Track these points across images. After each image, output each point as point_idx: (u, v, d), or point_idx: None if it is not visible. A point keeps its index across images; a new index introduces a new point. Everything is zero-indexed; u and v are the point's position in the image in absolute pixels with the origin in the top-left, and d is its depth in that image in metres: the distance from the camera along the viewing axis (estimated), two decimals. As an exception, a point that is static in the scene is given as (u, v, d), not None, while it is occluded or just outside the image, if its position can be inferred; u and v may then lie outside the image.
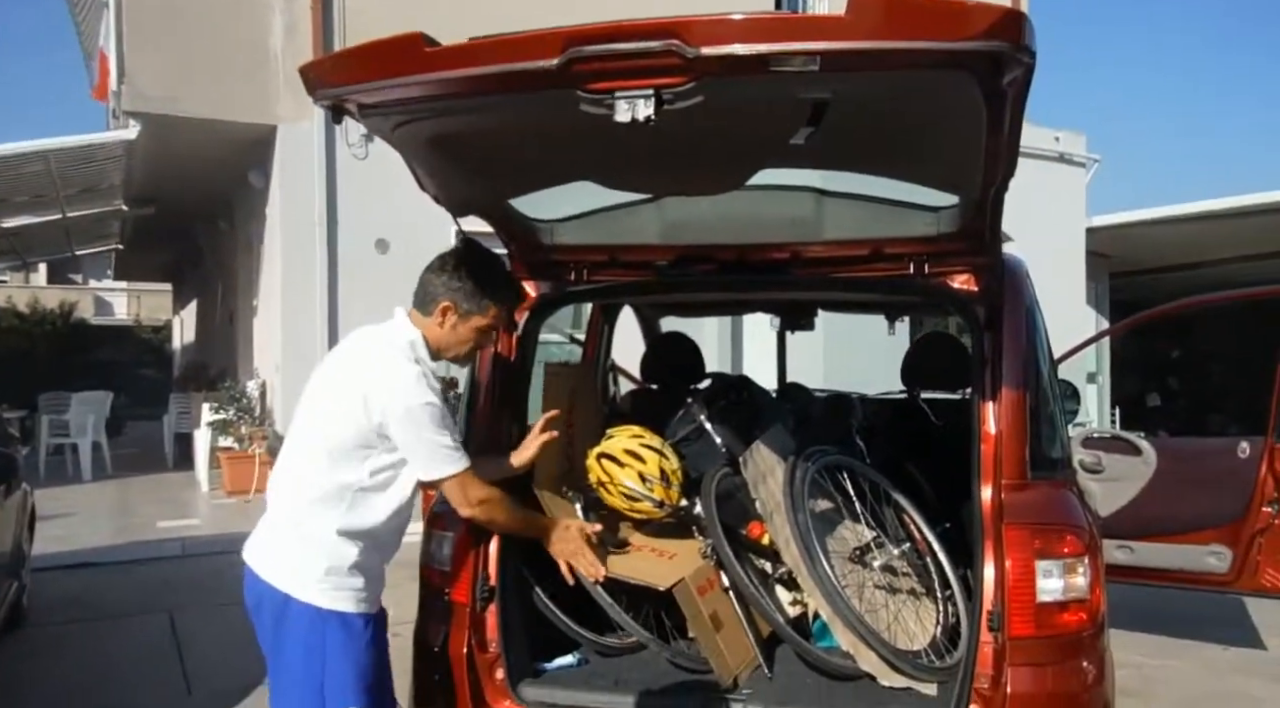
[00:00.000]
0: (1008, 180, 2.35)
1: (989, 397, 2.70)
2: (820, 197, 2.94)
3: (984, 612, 2.49)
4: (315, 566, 2.35)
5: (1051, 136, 11.51)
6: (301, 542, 2.37)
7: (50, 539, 7.10)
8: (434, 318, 2.51)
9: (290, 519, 2.41)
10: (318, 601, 2.34)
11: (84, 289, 32.57)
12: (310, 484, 2.38)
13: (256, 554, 2.45)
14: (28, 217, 13.17)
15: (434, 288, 2.51)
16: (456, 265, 2.53)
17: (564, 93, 1.94)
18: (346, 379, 2.41)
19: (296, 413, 2.51)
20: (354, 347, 2.52)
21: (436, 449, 2.38)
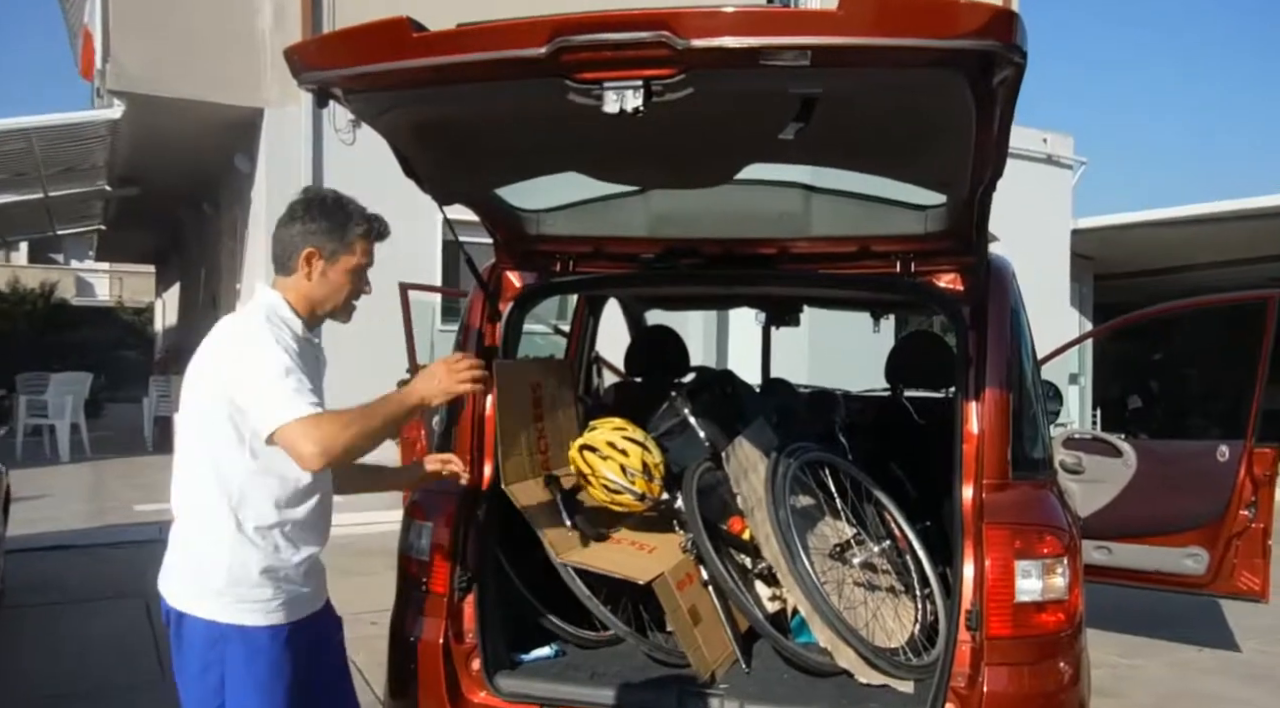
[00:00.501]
0: (996, 180, 2.35)
1: (972, 396, 2.70)
2: (808, 192, 2.93)
3: (962, 611, 2.50)
4: (213, 576, 2.14)
5: (1039, 137, 11.55)
6: (197, 551, 2.18)
7: (26, 521, 7.04)
8: (300, 272, 2.28)
9: (185, 530, 2.22)
10: (214, 615, 2.14)
11: (66, 269, 32.32)
12: (198, 488, 2.18)
13: (162, 574, 2.26)
14: (9, 195, 13.03)
15: (290, 240, 2.29)
16: (306, 210, 2.31)
17: (552, 82, 1.92)
18: (203, 365, 2.21)
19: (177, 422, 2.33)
20: (211, 334, 2.30)
21: (272, 394, 2.07)
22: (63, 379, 12.38)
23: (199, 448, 2.19)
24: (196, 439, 2.19)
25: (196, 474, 2.18)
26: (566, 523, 3.00)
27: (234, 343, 2.18)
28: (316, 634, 2.33)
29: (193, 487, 2.19)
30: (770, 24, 1.82)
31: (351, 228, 2.32)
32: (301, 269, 2.28)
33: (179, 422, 2.26)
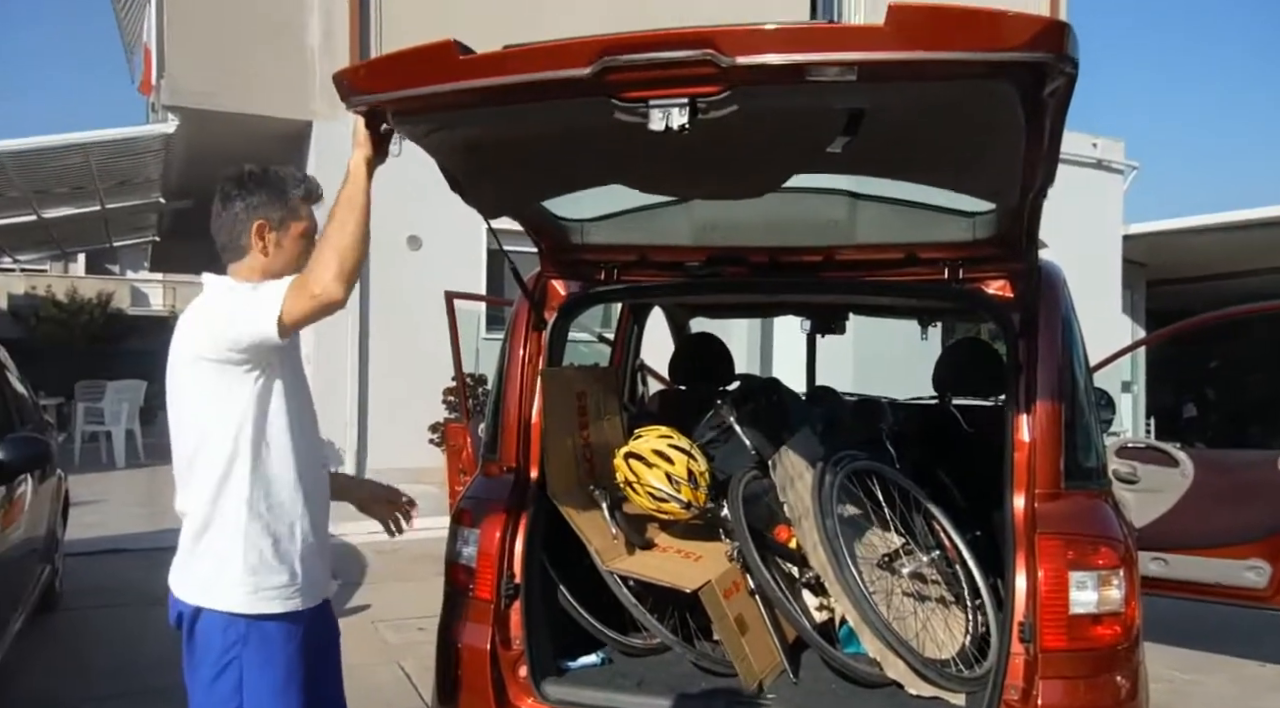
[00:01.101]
0: (1046, 188, 2.32)
1: (1023, 404, 2.66)
2: (854, 200, 2.91)
3: (1015, 622, 2.46)
4: (229, 566, 2.10)
5: (1089, 142, 11.36)
6: (210, 545, 2.13)
7: (84, 525, 7.21)
8: (254, 250, 2.24)
9: (194, 526, 2.16)
10: (233, 607, 2.10)
11: (121, 280, 33.00)
12: (201, 482, 2.13)
13: (173, 574, 2.21)
14: (68, 208, 13.38)
15: (235, 219, 2.25)
16: (240, 186, 2.27)
17: (598, 101, 1.93)
18: (175, 359, 2.16)
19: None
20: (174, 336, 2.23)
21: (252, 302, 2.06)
22: (119, 387, 12.64)
23: (194, 441, 2.14)
24: (190, 434, 2.14)
25: (197, 469, 2.13)
26: (612, 531, 3.01)
27: (194, 320, 2.15)
28: (326, 623, 2.33)
29: (195, 482, 2.14)
30: (815, 40, 1.80)
31: (291, 192, 2.29)
32: (255, 245, 2.25)
33: (172, 426, 2.21)
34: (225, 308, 2.09)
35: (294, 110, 10.14)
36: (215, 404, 2.11)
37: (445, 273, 9.51)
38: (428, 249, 10.25)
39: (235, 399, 2.10)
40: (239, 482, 2.11)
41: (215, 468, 2.11)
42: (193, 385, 2.13)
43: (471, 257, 10.44)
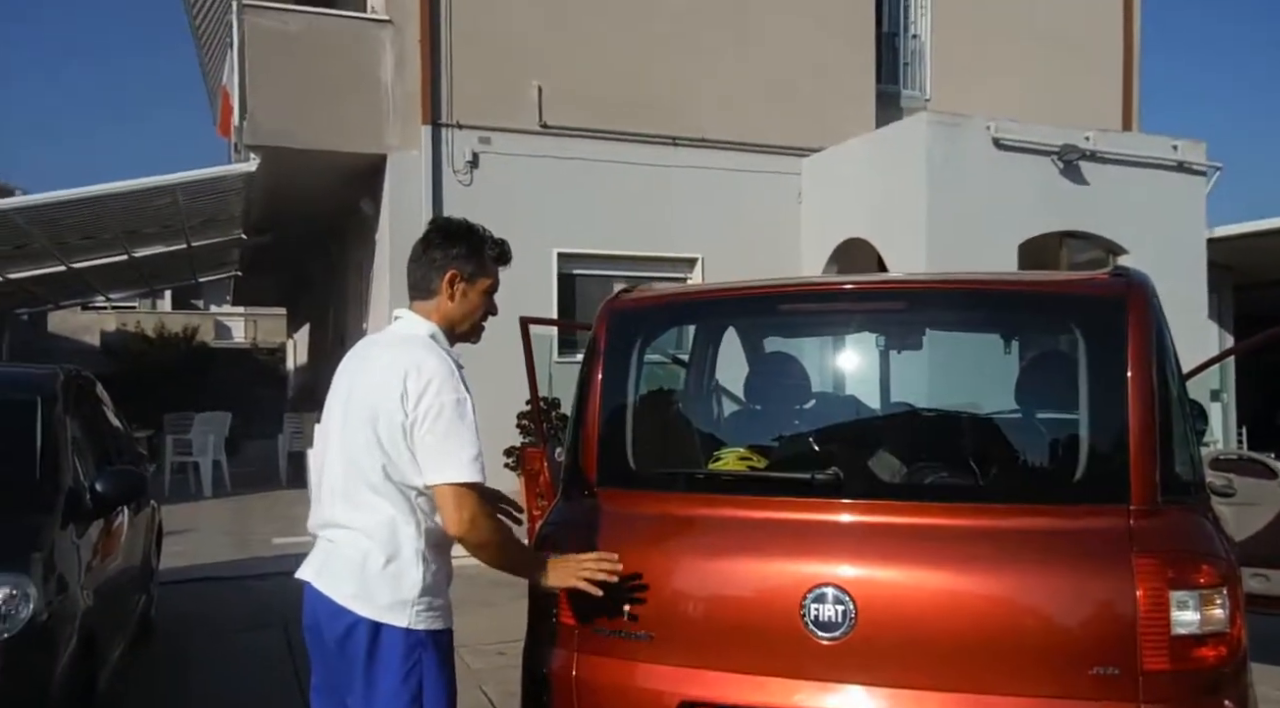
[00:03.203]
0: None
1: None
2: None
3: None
4: (405, 588, 2.31)
5: (1169, 145, 11.04)
6: (388, 564, 2.31)
7: (175, 554, 7.43)
8: (442, 294, 2.49)
9: (368, 545, 2.33)
10: (413, 624, 2.31)
11: (205, 314, 34.14)
12: (379, 503, 2.32)
13: (327, 577, 2.38)
14: (158, 246, 13.92)
15: (432, 264, 2.50)
16: (444, 236, 2.53)
17: None
18: (386, 382, 2.34)
19: (328, 426, 2.52)
20: (376, 348, 2.51)
21: (450, 450, 2.28)
22: (205, 419, 13.03)
23: (378, 462, 2.32)
24: (374, 454, 2.32)
25: (375, 488, 2.32)
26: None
27: (418, 367, 2.32)
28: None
29: (372, 501, 2.33)
30: None
31: (486, 251, 2.55)
32: (444, 291, 2.49)
33: (344, 433, 2.41)
34: (440, 420, 2.29)
35: (368, 144, 10.42)
36: (406, 444, 2.31)
37: (517, 298, 9.62)
38: (500, 276, 10.39)
39: None
40: (421, 511, 2.35)
41: (403, 496, 2.33)
42: (389, 417, 2.31)
43: (542, 282, 10.57)
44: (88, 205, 10.81)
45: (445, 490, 2.28)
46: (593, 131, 10.85)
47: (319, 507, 2.49)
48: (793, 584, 2.60)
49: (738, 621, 2.67)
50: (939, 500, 2.84)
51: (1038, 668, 2.43)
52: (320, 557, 2.44)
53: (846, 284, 3.40)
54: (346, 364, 2.60)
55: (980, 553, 2.61)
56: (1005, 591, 2.55)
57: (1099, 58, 13.62)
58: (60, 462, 4.06)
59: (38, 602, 3.27)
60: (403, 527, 2.33)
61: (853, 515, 2.73)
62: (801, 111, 11.71)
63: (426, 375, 2.31)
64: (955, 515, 2.72)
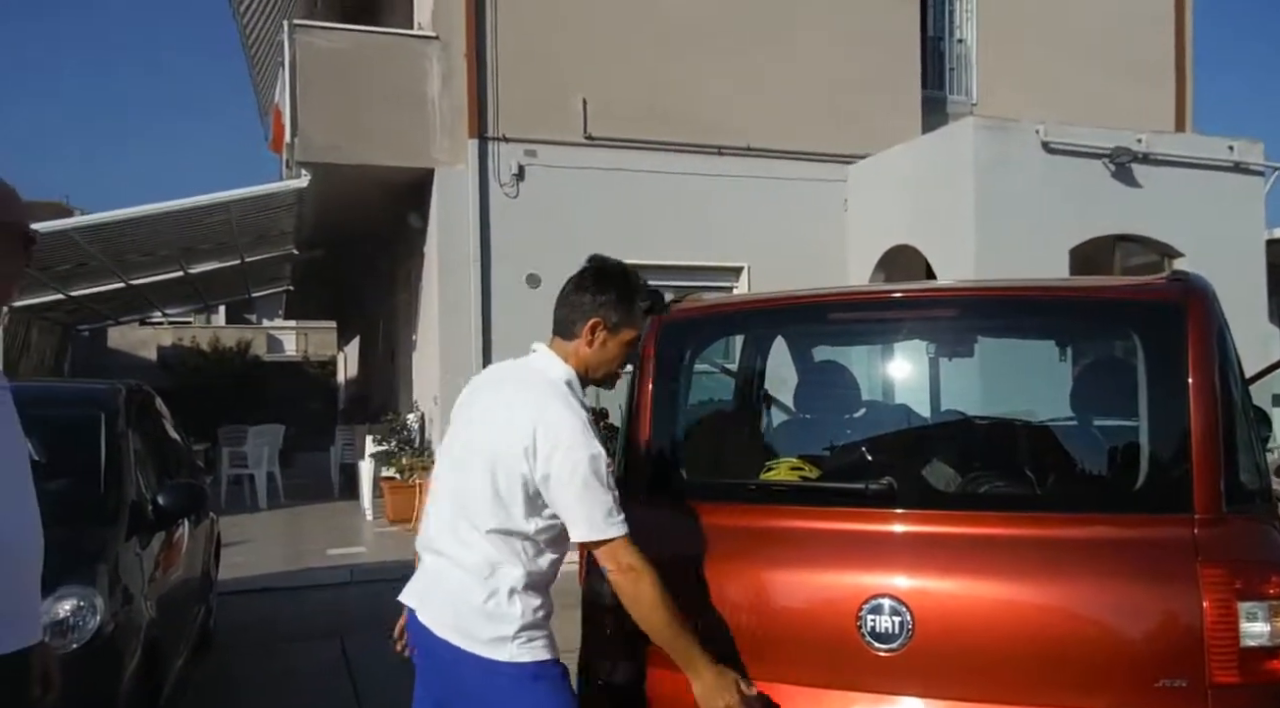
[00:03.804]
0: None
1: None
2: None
3: (1180, 656, 2.32)
4: (510, 623, 2.29)
5: (1225, 146, 10.80)
6: (491, 598, 2.30)
7: (233, 565, 7.55)
8: (582, 339, 2.43)
9: (470, 579, 2.32)
10: (520, 657, 2.29)
11: (258, 328, 34.73)
12: (487, 538, 2.31)
13: (429, 607, 2.38)
14: (212, 263, 14.22)
15: (579, 308, 2.44)
16: (597, 280, 2.47)
17: None
18: (508, 431, 2.32)
19: (450, 449, 2.50)
20: (508, 387, 2.45)
21: (598, 510, 2.26)
22: (259, 431, 13.24)
23: (488, 507, 2.30)
24: (486, 498, 2.31)
25: (481, 529, 2.31)
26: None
27: (549, 421, 2.29)
28: None
29: (476, 540, 2.31)
30: None
31: (638, 303, 2.49)
32: (584, 336, 2.43)
33: (458, 469, 2.40)
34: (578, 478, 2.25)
35: (416, 158, 10.55)
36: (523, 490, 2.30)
37: (564, 310, 9.69)
38: (546, 287, 10.47)
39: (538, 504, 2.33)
40: (525, 553, 2.33)
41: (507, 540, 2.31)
42: (509, 467, 2.30)
43: (588, 293, 10.59)
44: (145, 223, 11.08)
45: (591, 546, 2.30)
46: (637, 142, 10.89)
47: (427, 528, 2.48)
48: (849, 596, 2.58)
49: (793, 632, 2.65)
50: (995, 510, 2.81)
51: (1100, 681, 2.39)
52: (423, 583, 2.45)
53: (896, 292, 3.37)
54: (476, 392, 2.57)
55: (1039, 563, 2.57)
56: (1065, 602, 2.51)
57: (1150, 57, 13.38)
58: (123, 475, 4.15)
59: (104, 613, 3.35)
60: (504, 567, 2.31)
61: (908, 526, 2.71)
62: (846, 118, 11.65)
63: (556, 432, 2.27)
64: (1012, 525, 2.68)
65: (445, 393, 10.51)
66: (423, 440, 11.07)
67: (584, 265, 2.54)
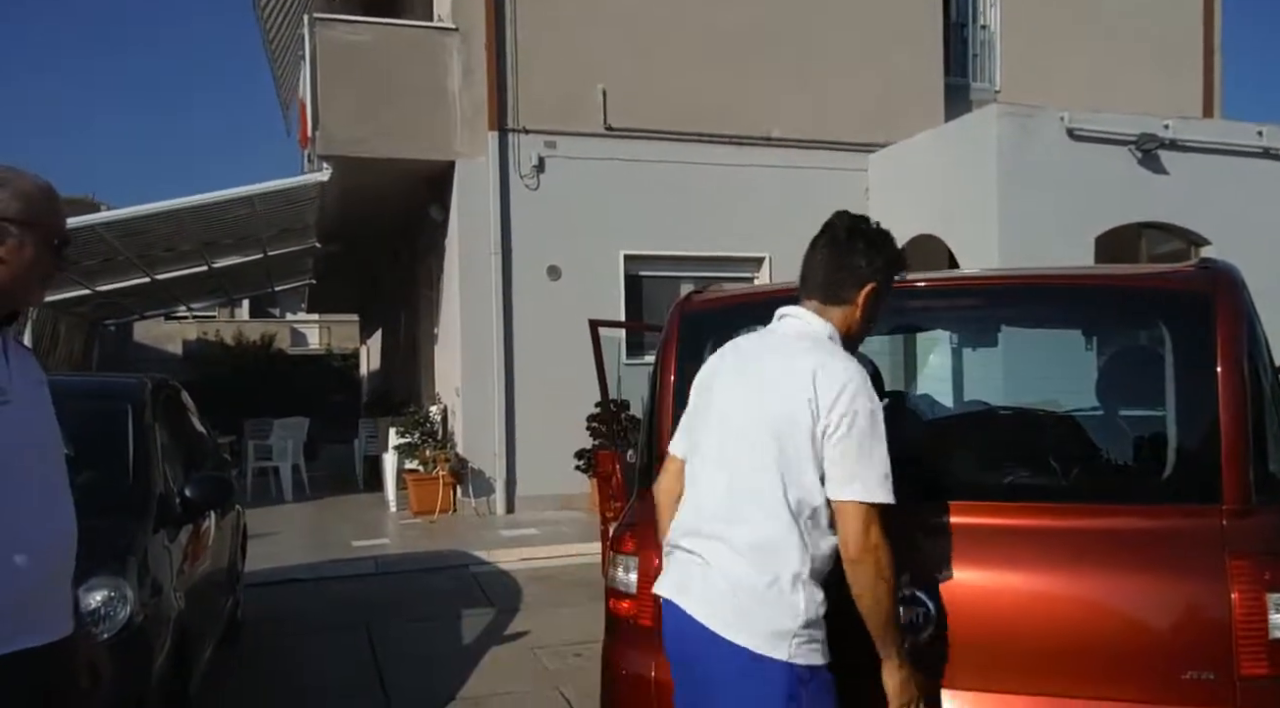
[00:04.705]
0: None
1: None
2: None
3: (1206, 648, 2.30)
4: (793, 616, 2.06)
5: (1254, 131, 10.66)
6: (774, 585, 2.07)
7: (259, 557, 7.62)
8: (853, 305, 2.25)
9: (747, 556, 2.11)
10: (797, 658, 2.05)
11: (281, 322, 35.01)
12: (769, 523, 2.10)
13: (695, 598, 2.15)
14: (236, 257, 14.32)
15: (854, 271, 2.24)
16: (870, 243, 2.26)
17: None
18: (783, 390, 2.13)
19: (698, 440, 2.31)
20: (773, 353, 2.24)
21: (874, 469, 2.06)
22: (284, 424, 13.34)
23: (774, 479, 2.11)
24: (770, 470, 2.11)
25: (764, 505, 2.11)
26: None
27: (831, 371, 2.11)
28: None
29: (756, 518, 2.11)
30: None
31: (900, 263, 2.34)
32: (859, 303, 2.26)
33: (726, 447, 2.21)
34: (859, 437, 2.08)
35: (437, 151, 10.58)
36: (811, 464, 2.11)
37: (584, 301, 9.72)
38: (567, 278, 10.49)
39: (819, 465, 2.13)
40: (808, 533, 2.11)
41: (794, 516, 2.10)
42: (793, 427, 2.11)
43: (609, 284, 10.63)
44: (169, 218, 11.17)
45: (850, 509, 2.06)
46: (657, 133, 10.87)
47: (685, 515, 2.28)
48: (871, 586, 2.57)
49: (816, 623, 2.65)
50: (1019, 500, 2.79)
51: (1126, 672, 2.37)
52: (683, 572, 2.23)
53: (920, 281, 3.34)
54: (721, 370, 2.37)
55: (1063, 554, 2.56)
56: (1090, 593, 2.49)
57: (1176, 42, 13.21)
58: (151, 468, 4.20)
59: (134, 604, 3.39)
60: (786, 549, 2.09)
61: (930, 516, 2.70)
62: (868, 107, 11.58)
63: (839, 379, 2.10)
64: (1037, 516, 2.67)
65: (467, 385, 10.56)
66: (445, 433, 11.12)
67: (836, 224, 2.32)
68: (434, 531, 9.73)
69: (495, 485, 10.58)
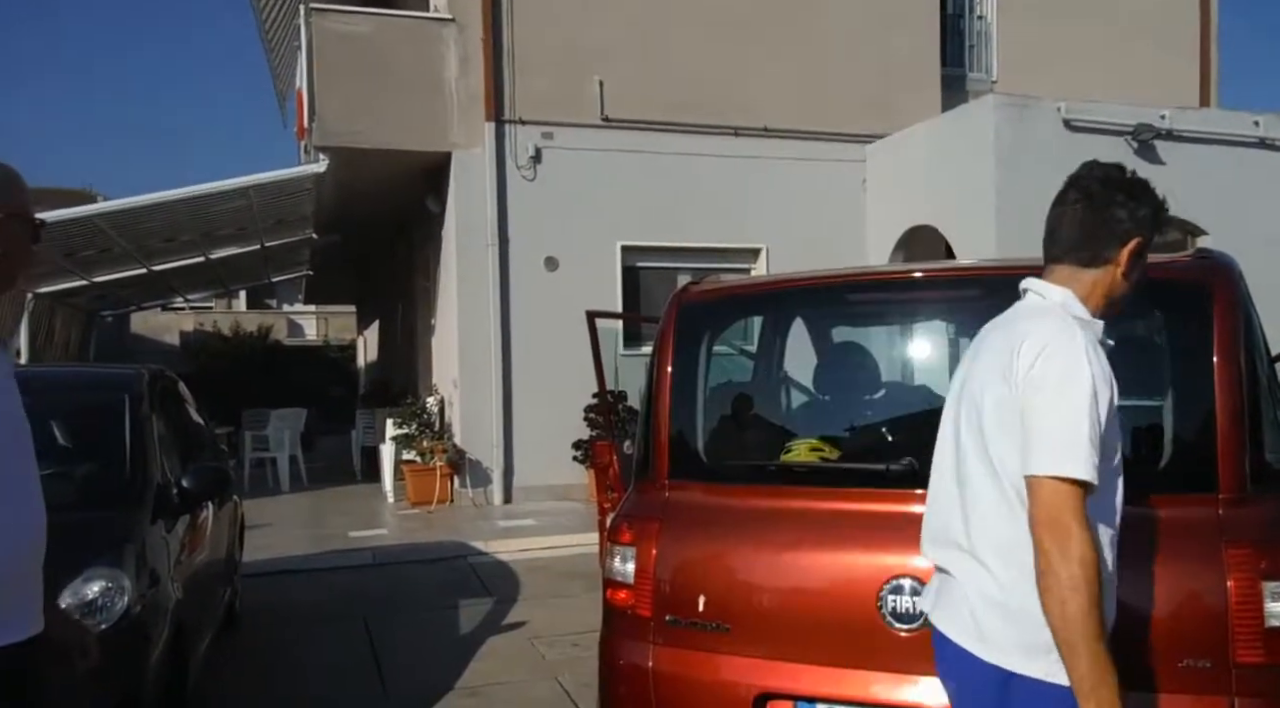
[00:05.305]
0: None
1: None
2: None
3: (1201, 636, 2.31)
4: (1033, 627, 1.79)
5: (1250, 121, 10.65)
6: (1003, 594, 1.86)
7: (256, 548, 7.63)
8: (1112, 265, 1.96)
9: (981, 561, 1.90)
10: (1055, 676, 1.79)
11: (278, 313, 34.94)
12: (989, 515, 1.89)
13: (942, 612, 1.98)
14: (233, 248, 14.28)
15: (1114, 225, 1.94)
16: (1129, 194, 1.96)
17: None
18: (989, 365, 1.91)
19: (943, 433, 2.11)
20: (992, 335, 2.02)
21: (1066, 436, 1.74)
22: (281, 415, 13.33)
23: (988, 468, 1.89)
24: (983, 458, 1.90)
25: (987, 499, 1.89)
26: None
27: (1035, 332, 1.86)
28: None
29: (986, 516, 1.90)
30: None
31: (1163, 214, 2.03)
32: (1122, 263, 1.96)
33: (955, 439, 2.00)
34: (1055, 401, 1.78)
35: (433, 142, 10.55)
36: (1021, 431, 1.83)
37: (581, 292, 9.71)
38: (564, 269, 10.48)
39: None
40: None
41: (1015, 514, 1.85)
42: (995, 403, 1.89)
43: (606, 275, 10.62)
44: (166, 209, 11.13)
45: (1049, 494, 1.74)
46: (655, 124, 10.85)
47: (929, 525, 2.11)
48: (869, 576, 2.58)
49: (814, 613, 2.66)
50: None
51: (1123, 661, 2.38)
52: (936, 583, 2.07)
53: (917, 272, 3.35)
54: (968, 353, 2.15)
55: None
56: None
57: (1173, 32, 13.20)
58: (148, 458, 4.20)
59: (132, 594, 3.39)
60: (1025, 550, 1.79)
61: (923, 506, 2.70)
62: (865, 97, 11.56)
63: (1041, 341, 1.83)
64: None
65: (464, 376, 10.55)
66: (442, 423, 11.13)
67: (1087, 176, 2.03)
68: (431, 521, 9.74)
69: (493, 476, 10.59)
